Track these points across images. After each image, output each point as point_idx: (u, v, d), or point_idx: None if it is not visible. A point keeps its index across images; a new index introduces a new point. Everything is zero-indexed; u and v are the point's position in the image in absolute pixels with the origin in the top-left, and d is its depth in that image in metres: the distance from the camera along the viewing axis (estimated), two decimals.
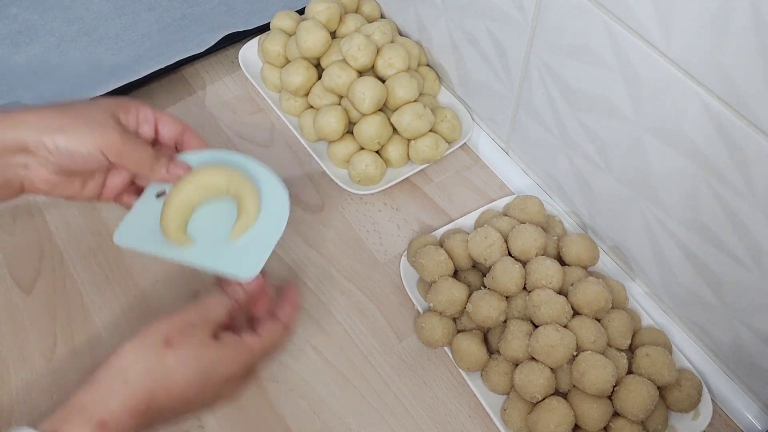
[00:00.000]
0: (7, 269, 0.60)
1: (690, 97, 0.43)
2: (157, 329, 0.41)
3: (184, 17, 0.75)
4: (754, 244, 0.44)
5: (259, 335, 0.45)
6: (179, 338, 0.41)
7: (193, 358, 0.41)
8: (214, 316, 0.43)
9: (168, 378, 0.40)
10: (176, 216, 0.47)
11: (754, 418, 0.52)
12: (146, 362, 0.40)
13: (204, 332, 0.42)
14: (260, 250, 0.46)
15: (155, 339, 0.40)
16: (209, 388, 0.42)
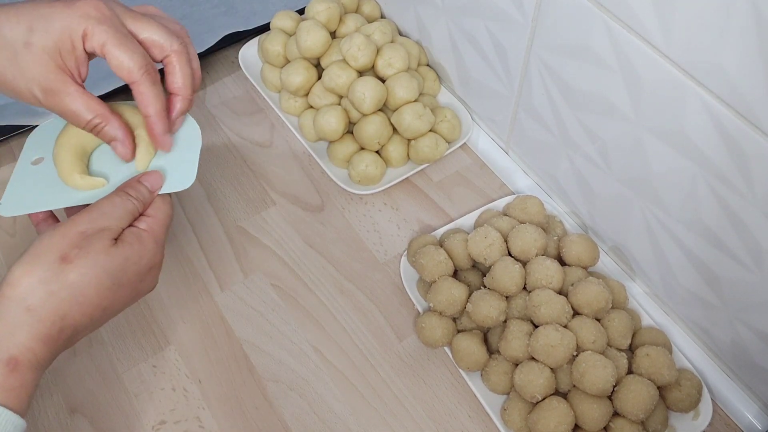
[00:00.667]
0: (7, 269, 0.60)
1: (690, 97, 0.43)
2: (48, 247, 0.38)
3: (184, 17, 0.75)
4: (754, 244, 0.44)
5: (152, 215, 0.43)
6: (77, 252, 0.38)
7: (97, 267, 0.38)
8: (114, 222, 0.41)
9: (75, 293, 0.38)
10: (73, 162, 0.45)
11: (754, 418, 0.52)
12: (46, 284, 0.37)
13: (103, 240, 0.39)
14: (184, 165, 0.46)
15: (49, 257, 0.38)
16: (124, 290, 0.40)
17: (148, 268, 0.42)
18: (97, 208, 0.41)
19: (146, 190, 0.43)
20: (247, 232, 0.63)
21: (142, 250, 0.41)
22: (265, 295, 0.59)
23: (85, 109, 0.42)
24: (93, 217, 0.40)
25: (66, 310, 0.37)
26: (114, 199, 0.41)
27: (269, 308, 0.58)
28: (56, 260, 0.38)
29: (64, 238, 0.39)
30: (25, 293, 0.37)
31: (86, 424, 0.52)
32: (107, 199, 0.41)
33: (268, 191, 0.66)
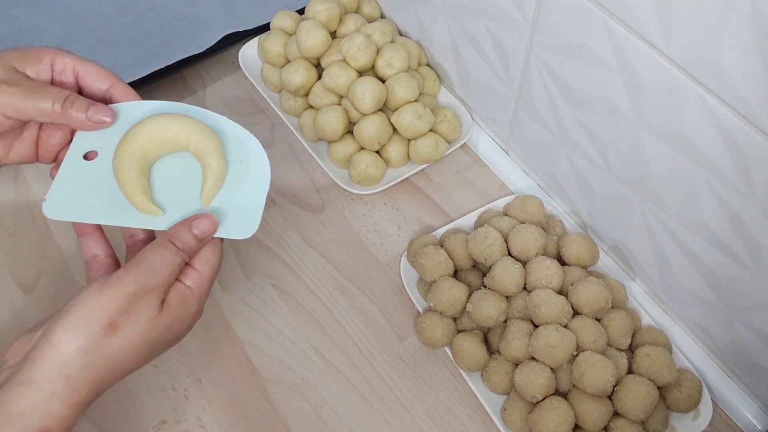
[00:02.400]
0: (7, 269, 0.60)
1: (690, 97, 0.43)
2: (97, 311, 0.36)
3: (184, 17, 0.75)
4: (754, 243, 0.44)
5: (198, 269, 0.39)
6: (124, 320, 0.36)
7: (141, 338, 0.37)
8: (162, 281, 0.38)
9: (114, 363, 0.36)
10: (137, 177, 0.41)
11: (754, 418, 0.52)
12: (89, 354, 0.35)
13: (151, 305, 0.37)
14: (250, 205, 0.42)
15: (97, 324, 0.35)
16: (158, 351, 0.39)
17: (185, 329, 0.40)
18: (145, 264, 0.37)
19: (195, 240, 0.40)
20: None
21: (185, 314, 0.39)
22: (266, 295, 0.59)
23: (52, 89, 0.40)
24: (142, 276, 0.37)
25: (102, 378, 0.36)
26: (163, 253, 0.38)
27: (270, 309, 0.58)
28: (103, 328, 0.36)
29: (113, 301, 0.36)
30: (65, 360, 0.35)
31: (87, 424, 0.52)
32: (156, 252, 0.38)
33: (268, 191, 0.66)
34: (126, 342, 0.36)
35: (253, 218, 0.42)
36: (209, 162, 0.42)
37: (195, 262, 0.40)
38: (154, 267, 0.37)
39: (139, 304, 0.37)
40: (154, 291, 0.37)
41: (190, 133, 0.42)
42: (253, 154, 0.44)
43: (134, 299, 0.36)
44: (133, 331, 0.36)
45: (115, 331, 0.36)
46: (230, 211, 0.42)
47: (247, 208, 0.42)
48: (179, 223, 0.40)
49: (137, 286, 0.37)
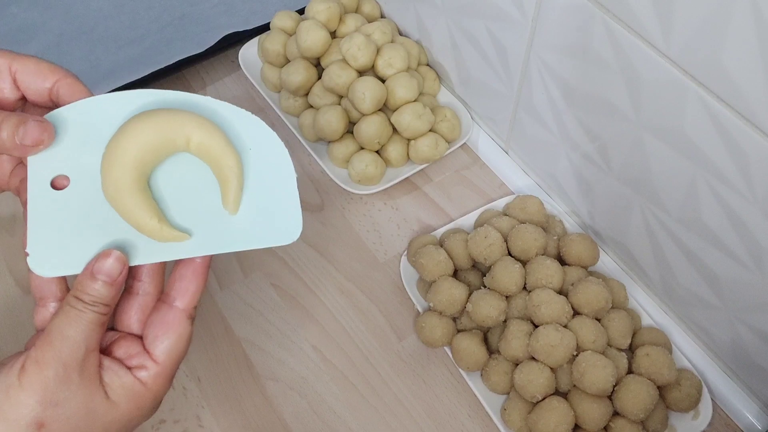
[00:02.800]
0: (7, 268, 0.60)
1: (690, 97, 0.43)
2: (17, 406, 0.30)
3: (184, 17, 0.75)
4: (754, 243, 0.44)
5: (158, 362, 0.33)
6: (52, 413, 0.30)
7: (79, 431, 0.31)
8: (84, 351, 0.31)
9: None
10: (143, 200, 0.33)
11: (754, 418, 0.52)
12: None
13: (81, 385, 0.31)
14: (283, 202, 0.35)
15: (23, 423, 0.30)
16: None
17: (136, 424, 0.34)
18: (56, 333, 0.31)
19: (105, 288, 0.32)
20: None
21: (134, 412, 0.33)
22: (265, 294, 0.59)
23: None
24: (57, 351, 0.31)
25: None
26: (71, 314, 0.31)
27: (269, 307, 0.58)
28: (32, 427, 0.30)
29: (33, 392, 0.30)
30: None
31: None
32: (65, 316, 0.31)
33: None
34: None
35: (293, 215, 0.35)
36: (223, 162, 0.34)
37: (155, 350, 0.33)
38: (67, 333, 0.31)
39: (66, 387, 0.31)
40: (76, 365, 0.31)
41: (189, 132, 0.34)
42: (261, 138, 0.36)
43: (57, 384, 0.31)
44: (65, 426, 0.31)
45: (44, 429, 0.30)
46: (264, 214, 0.35)
47: (282, 205, 0.35)
48: (81, 273, 0.32)
49: (56, 366, 0.31)
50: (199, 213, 0.35)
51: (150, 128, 0.33)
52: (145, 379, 0.33)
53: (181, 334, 0.34)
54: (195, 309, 0.35)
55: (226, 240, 0.34)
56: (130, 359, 0.34)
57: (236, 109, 0.36)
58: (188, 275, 0.35)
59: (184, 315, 0.34)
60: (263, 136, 0.36)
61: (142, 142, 0.33)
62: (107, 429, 0.32)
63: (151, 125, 0.33)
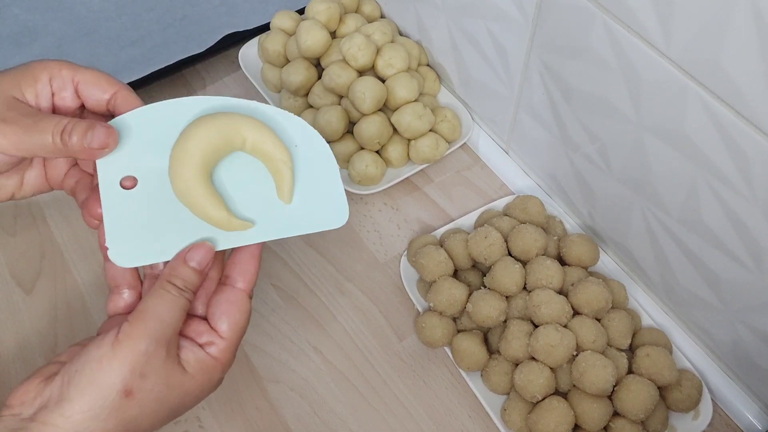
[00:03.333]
0: (7, 269, 0.60)
1: (690, 97, 0.42)
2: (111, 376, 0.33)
3: (185, 17, 0.75)
4: (754, 244, 0.44)
5: (224, 337, 0.37)
6: (139, 383, 0.34)
7: (159, 402, 0.35)
8: (172, 330, 0.35)
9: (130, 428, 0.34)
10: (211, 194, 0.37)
11: (754, 418, 0.52)
12: (104, 422, 0.33)
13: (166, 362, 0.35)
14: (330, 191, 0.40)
15: (112, 390, 0.33)
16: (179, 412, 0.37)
17: (206, 394, 0.38)
18: (150, 313, 0.35)
19: (194, 274, 0.37)
20: None
21: (206, 383, 0.37)
22: (266, 295, 0.59)
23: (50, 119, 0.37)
24: (150, 329, 0.34)
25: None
26: (166, 297, 0.36)
27: (269, 309, 0.58)
28: (118, 394, 0.33)
29: (124, 362, 0.34)
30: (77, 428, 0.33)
31: None
32: (159, 297, 0.35)
33: None
34: (143, 406, 0.34)
35: (340, 202, 0.40)
36: (277, 157, 0.38)
37: (221, 326, 0.37)
38: (161, 316, 0.35)
39: (154, 361, 0.34)
40: (164, 342, 0.35)
41: (245, 133, 0.38)
42: (304, 136, 0.40)
43: (147, 358, 0.34)
44: (149, 395, 0.34)
45: (131, 397, 0.34)
46: (314, 203, 0.39)
47: (330, 194, 0.40)
48: (173, 260, 0.37)
49: (148, 341, 0.34)
50: (258, 204, 0.39)
51: (212, 131, 0.37)
52: (215, 353, 0.37)
53: (242, 311, 0.38)
54: (253, 290, 0.39)
55: (284, 226, 0.39)
56: (200, 336, 0.37)
57: (281, 111, 0.40)
58: (246, 259, 0.39)
59: (245, 294, 0.38)
60: (306, 134, 0.40)
61: (205, 144, 0.37)
62: (183, 398, 0.36)
63: (213, 128, 0.37)
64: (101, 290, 0.59)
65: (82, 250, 0.61)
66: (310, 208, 0.40)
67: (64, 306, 0.58)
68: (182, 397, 0.36)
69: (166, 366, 0.35)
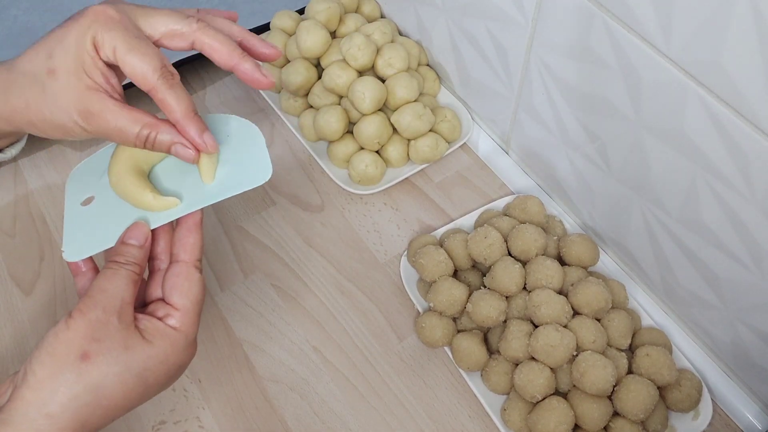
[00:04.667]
0: (7, 270, 0.60)
1: (690, 97, 0.42)
2: (65, 344, 0.35)
3: None
4: (754, 243, 0.44)
5: (178, 308, 0.39)
6: (96, 347, 0.35)
7: (120, 365, 0.36)
8: (120, 301, 0.37)
9: (99, 395, 0.35)
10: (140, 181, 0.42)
11: (754, 418, 0.52)
12: (67, 387, 0.34)
13: (119, 327, 0.36)
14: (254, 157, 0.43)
15: (68, 356, 0.35)
16: (151, 389, 0.38)
17: (177, 366, 0.39)
18: (96, 288, 0.37)
19: (135, 249, 0.39)
20: (247, 232, 0.63)
21: (169, 350, 0.38)
22: (265, 295, 0.59)
23: (130, 122, 0.39)
24: (97, 300, 0.37)
25: (88, 414, 0.35)
26: (107, 272, 0.38)
27: (269, 308, 0.58)
28: (76, 359, 0.35)
29: (77, 331, 0.35)
30: (45, 398, 0.34)
31: None
32: (103, 275, 0.38)
33: (268, 191, 0.66)
34: (105, 369, 0.35)
35: (263, 162, 0.42)
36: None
37: (173, 298, 0.39)
38: (105, 287, 0.37)
39: (106, 327, 0.36)
40: (114, 311, 0.37)
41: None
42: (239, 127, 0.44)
43: (99, 324, 0.36)
44: (108, 358, 0.36)
45: (89, 360, 0.35)
46: (238, 169, 0.42)
47: (252, 159, 0.43)
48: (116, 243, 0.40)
49: (97, 310, 0.36)
50: (186, 186, 0.43)
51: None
52: (173, 323, 0.38)
53: (191, 280, 0.40)
54: (199, 261, 0.41)
55: (208, 195, 0.42)
56: (157, 312, 0.39)
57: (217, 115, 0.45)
58: (184, 233, 0.41)
59: (190, 265, 0.40)
60: (241, 125, 0.45)
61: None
62: (146, 363, 0.37)
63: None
64: None
65: None
66: (234, 175, 0.42)
67: (63, 307, 0.58)
68: (145, 362, 0.37)
69: (121, 333, 0.36)
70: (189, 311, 0.39)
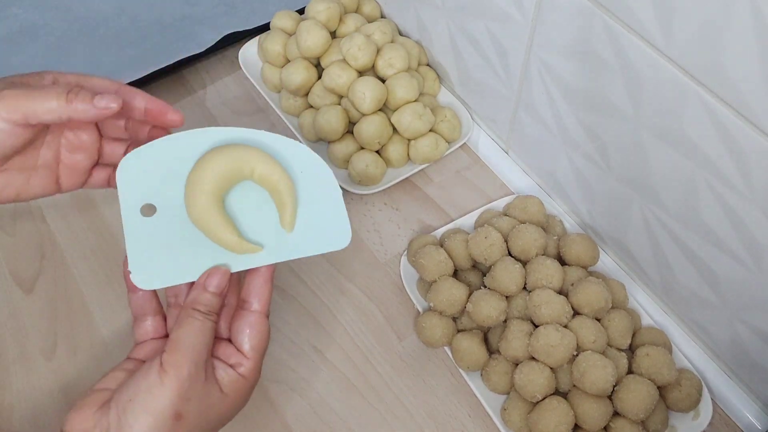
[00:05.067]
0: (7, 269, 0.60)
1: (690, 97, 0.43)
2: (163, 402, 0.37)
3: (184, 17, 0.75)
4: (753, 243, 0.44)
5: (249, 357, 0.41)
6: (186, 406, 0.37)
7: (202, 421, 0.39)
8: (205, 352, 0.39)
9: None
10: (224, 219, 0.40)
11: (754, 418, 0.52)
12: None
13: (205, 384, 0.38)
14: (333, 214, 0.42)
15: (164, 414, 0.37)
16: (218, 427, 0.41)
17: (242, 406, 0.42)
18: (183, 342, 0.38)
19: (215, 298, 0.40)
20: None
21: (239, 399, 0.41)
22: None
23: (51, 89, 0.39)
24: (187, 357, 0.38)
25: None
26: (194, 324, 0.39)
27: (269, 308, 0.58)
28: (171, 418, 0.37)
29: (171, 389, 0.37)
30: None
31: None
32: (188, 326, 0.39)
33: None
34: (192, 427, 0.38)
35: (343, 224, 0.42)
36: (281, 188, 0.41)
37: (245, 347, 0.41)
38: (194, 342, 0.38)
39: (195, 385, 0.38)
40: (202, 365, 0.38)
41: (254, 164, 0.41)
42: (308, 162, 0.43)
43: (189, 383, 0.38)
44: (195, 416, 0.38)
45: (181, 420, 0.37)
46: (318, 226, 0.42)
47: (333, 217, 0.42)
48: (194, 289, 0.40)
49: (188, 367, 0.38)
50: (267, 229, 0.42)
51: (223, 162, 0.40)
52: (243, 372, 0.40)
53: (262, 331, 0.41)
54: (269, 308, 0.42)
55: (290, 249, 0.42)
56: (229, 358, 0.41)
57: (288, 141, 0.43)
58: (260, 282, 0.42)
59: (263, 315, 0.42)
60: (310, 161, 0.43)
61: (217, 173, 0.40)
62: (221, 415, 0.40)
63: (225, 159, 0.40)
64: (101, 289, 0.59)
65: (82, 250, 0.61)
66: (314, 231, 0.42)
67: (64, 306, 0.58)
68: (220, 415, 0.40)
69: (206, 387, 0.38)
70: (257, 362, 0.41)
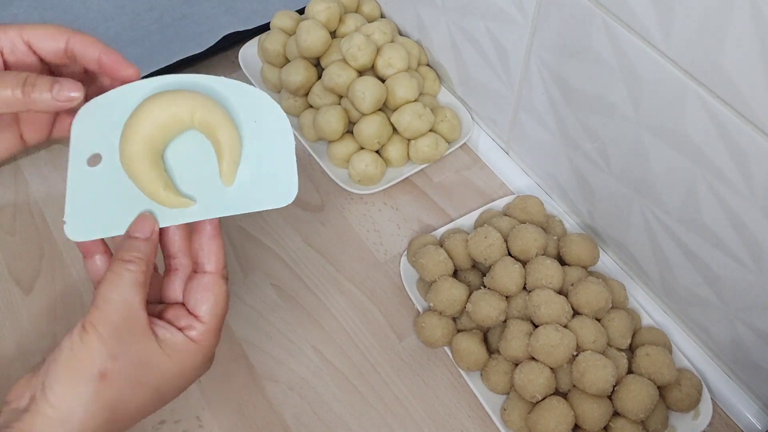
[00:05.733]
0: (6, 269, 0.60)
1: (690, 97, 0.43)
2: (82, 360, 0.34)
3: (184, 17, 0.75)
4: (753, 243, 0.44)
5: (204, 321, 0.37)
6: (112, 365, 0.34)
7: (137, 381, 0.35)
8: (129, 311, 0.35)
9: (115, 411, 0.35)
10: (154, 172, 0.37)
11: (754, 418, 0.52)
12: (85, 406, 0.34)
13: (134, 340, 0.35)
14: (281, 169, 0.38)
15: (85, 374, 0.34)
16: (165, 398, 0.37)
17: (192, 379, 0.38)
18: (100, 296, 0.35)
19: (139, 243, 0.37)
20: (247, 232, 0.63)
21: (187, 364, 0.37)
22: (265, 294, 0.59)
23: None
24: (104, 312, 0.35)
25: (107, 427, 0.35)
26: (110, 277, 0.36)
27: (269, 308, 0.58)
28: (94, 378, 0.34)
29: (93, 348, 0.34)
30: (66, 415, 0.34)
31: None
32: (108, 282, 0.36)
33: None
34: (122, 386, 0.35)
35: (290, 180, 0.38)
36: (220, 137, 0.38)
37: (199, 311, 0.38)
38: (110, 297, 0.35)
39: (121, 342, 0.35)
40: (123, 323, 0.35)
41: (193, 109, 0.37)
42: (266, 111, 0.39)
43: (113, 340, 0.35)
44: (126, 376, 0.35)
45: (106, 379, 0.34)
46: (262, 180, 0.38)
47: (280, 171, 0.39)
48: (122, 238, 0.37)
49: (106, 324, 0.35)
50: (204, 182, 0.39)
51: (159, 107, 0.37)
52: (195, 336, 0.37)
53: (218, 293, 0.38)
54: (225, 269, 0.39)
55: (227, 205, 0.38)
56: (179, 321, 0.38)
57: (246, 87, 0.40)
58: (206, 241, 0.39)
59: (217, 276, 0.39)
60: (268, 109, 0.39)
61: (152, 120, 0.37)
62: (162, 378, 0.36)
63: (160, 104, 0.37)
64: None
65: None
66: (257, 186, 0.38)
67: (63, 305, 0.58)
68: (162, 379, 0.36)
69: (136, 345, 0.35)
70: (212, 326, 0.38)
